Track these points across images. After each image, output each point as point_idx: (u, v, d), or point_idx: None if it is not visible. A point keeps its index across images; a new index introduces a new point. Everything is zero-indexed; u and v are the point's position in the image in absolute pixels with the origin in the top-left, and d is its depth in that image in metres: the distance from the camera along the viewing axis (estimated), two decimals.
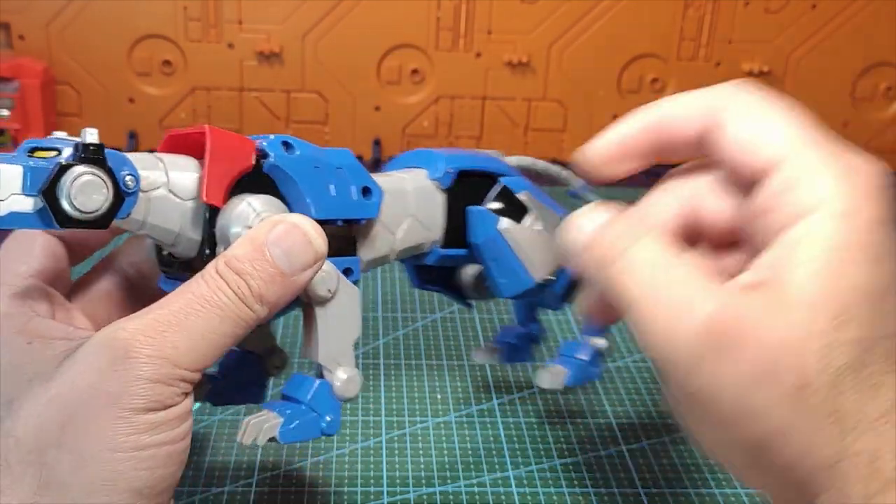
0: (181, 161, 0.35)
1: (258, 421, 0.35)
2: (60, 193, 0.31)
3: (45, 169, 0.30)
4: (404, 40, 0.89)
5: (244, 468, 0.45)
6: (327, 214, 0.37)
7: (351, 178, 0.37)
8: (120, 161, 0.32)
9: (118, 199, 0.32)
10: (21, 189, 0.30)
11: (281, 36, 0.88)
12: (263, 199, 0.35)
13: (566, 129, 0.94)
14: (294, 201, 0.36)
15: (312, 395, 0.36)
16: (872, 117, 0.95)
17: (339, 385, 0.37)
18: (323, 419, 0.36)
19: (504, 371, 0.55)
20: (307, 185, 0.36)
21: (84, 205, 0.31)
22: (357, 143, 0.92)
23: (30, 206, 0.31)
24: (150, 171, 0.33)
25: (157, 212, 0.34)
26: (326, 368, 0.37)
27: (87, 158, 0.31)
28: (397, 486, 0.45)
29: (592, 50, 0.90)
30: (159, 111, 0.90)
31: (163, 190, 0.34)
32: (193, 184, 0.34)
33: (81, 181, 0.31)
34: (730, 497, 0.45)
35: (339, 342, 0.37)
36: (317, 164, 0.36)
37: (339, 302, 0.37)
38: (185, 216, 0.34)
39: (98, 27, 0.86)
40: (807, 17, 0.91)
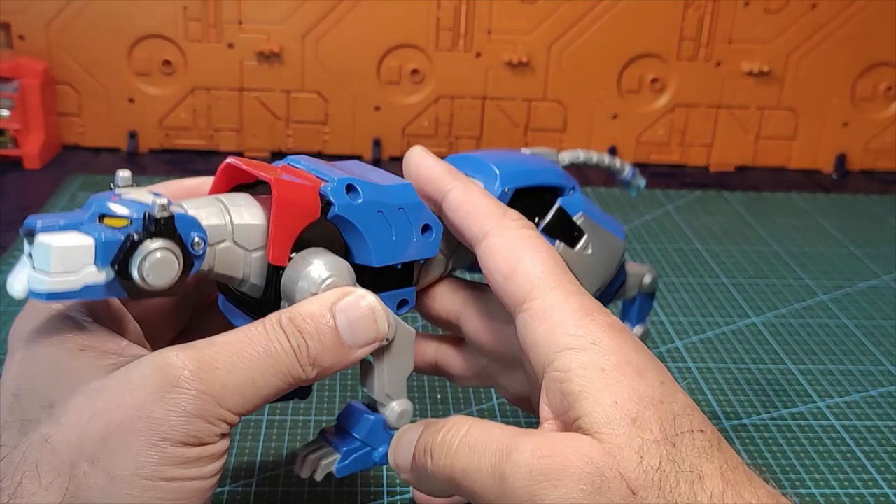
0: (242, 203, 0.35)
1: (315, 457, 0.37)
2: (132, 268, 0.30)
3: (116, 242, 0.30)
4: (404, 40, 0.89)
5: (244, 468, 0.45)
6: (388, 260, 0.37)
7: (412, 218, 0.38)
8: (188, 225, 0.32)
9: (188, 263, 0.32)
10: (93, 261, 0.30)
11: (281, 36, 0.88)
12: (328, 261, 0.35)
13: (566, 129, 0.94)
14: (356, 247, 0.37)
15: (367, 432, 0.38)
16: (872, 117, 0.95)
17: (393, 418, 0.38)
18: (376, 451, 0.38)
19: None
20: (369, 232, 0.36)
21: (157, 278, 0.31)
22: (357, 143, 0.92)
23: (102, 279, 0.30)
24: (215, 222, 0.33)
25: (223, 262, 0.34)
26: (381, 403, 0.38)
27: (159, 231, 0.31)
28: (397, 486, 0.45)
29: (592, 50, 0.90)
30: (159, 111, 0.90)
31: (228, 242, 0.34)
32: (258, 234, 0.34)
33: (153, 259, 0.31)
34: None
35: (392, 380, 0.38)
36: (379, 208, 0.37)
37: (395, 346, 0.38)
38: (249, 265, 0.35)
39: (98, 27, 0.86)
40: (807, 17, 0.91)
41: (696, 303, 0.65)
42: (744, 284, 0.69)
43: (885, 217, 0.84)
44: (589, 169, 0.50)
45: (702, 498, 0.30)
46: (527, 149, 0.48)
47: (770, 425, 0.51)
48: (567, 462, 0.30)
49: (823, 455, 0.49)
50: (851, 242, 0.78)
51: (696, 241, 0.76)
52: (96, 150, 0.91)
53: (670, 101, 0.93)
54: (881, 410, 0.53)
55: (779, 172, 0.96)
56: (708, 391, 0.54)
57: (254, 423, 0.49)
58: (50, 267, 0.30)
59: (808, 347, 0.60)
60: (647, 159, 0.95)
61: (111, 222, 0.31)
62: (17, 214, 0.75)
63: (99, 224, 0.31)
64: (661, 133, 0.94)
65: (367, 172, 0.39)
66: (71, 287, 0.30)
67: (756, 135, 0.95)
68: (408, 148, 0.41)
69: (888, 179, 0.96)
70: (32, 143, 0.85)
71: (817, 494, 0.46)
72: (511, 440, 0.31)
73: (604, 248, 0.45)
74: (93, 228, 0.30)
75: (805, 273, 0.71)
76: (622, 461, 0.30)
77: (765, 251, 0.75)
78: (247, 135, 0.91)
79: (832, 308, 0.65)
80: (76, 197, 0.78)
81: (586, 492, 0.30)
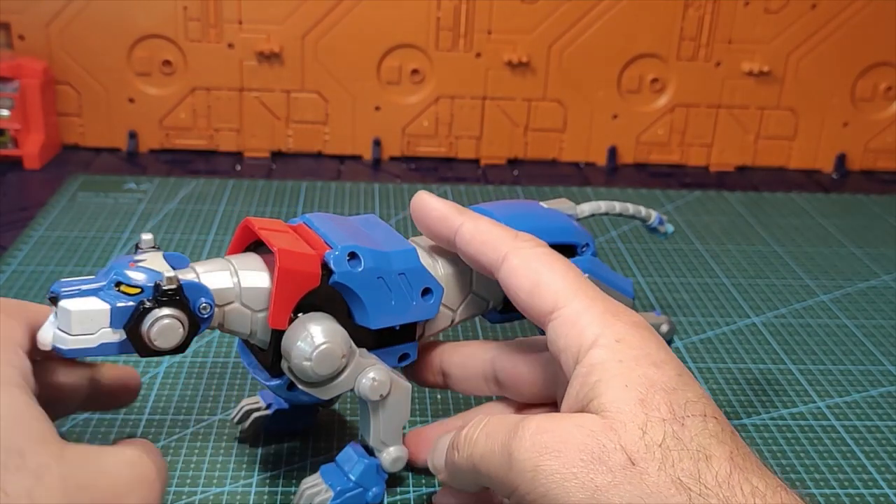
0: (251, 266, 0.39)
1: (311, 492, 0.41)
2: (142, 332, 0.35)
3: (128, 308, 0.35)
4: (404, 40, 0.89)
5: (244, 468, 0.45)
6: (386, 323, 0.40)
7: (413, 282, 0.41)
8: (196, 291, 0.36)
9: (194, 326, 0.37)
10: (108, 324, 0.35)
11: (281, 36, 0.88)
12: (324, 327, 0.38)
13: (566, 129, 0.94)
14: (356, 309, 0.40)
15: (360, 474, 0.42)
16: (872, 117, 0.95)
17: (388, 462, 0.42)
18: (369, 492, 0.42)
19: None
20: (369, 298, 0.39)
21: (163, 342, 0.36)
22: (357, 143, 0.92)
23: (116, 339, 0.35)
24: (224, 285, 0.38)
25: (232, 320, 0.39)
26: (376, 448, 0.42)
27: (166, 301, 0.35)
28: (397, 486, 0.45)
29: (592, 50, 0.90)
30: (159, 111, 0.90)
31: (236, 303, 0.38)
32: (263, 296, 0.38)
33: (160, 325, 0.35)
34: None
35: (387, 429, 0.42)
36: (380, 275, 0.39)
37: (391, 399, 0.41)
38: (256, 324, 0.39)
39: (98, 27, 0.86)
40: (807, 17, 0.91)
41: (696, 303, 0.65)
42: (744, 284, 0.69)
43: (885, 217, 0.84)
44: None
45: (706, 477, 0.31)
46: (545, 202, 0.49)
47: (770, 425, 0.51)
48: (569, 435, 0.33)
49: (823, 455, 0.49)
50: (851, 242, 0.77)
51: (696, 241, 0.76)
52: (96, 150, 0.91)
53: (670, 101, 0.93)
54: (881, 410, 0.53)
55: (779, 172, 0.96)
56: (708, 391, 0.54)
57: None
58: (71, 329, 0.35)
59: (808, 347, 0.60)
60: (647, 159, 0.95)
61: (126, 290, 0.35)
62: (17, 214, 0.75)
63: (115, 291, 0.35)
64: (661, 133, 0.94)
65: (376, 234, 0.42)
66: (89, 345, 0.35)
67: (756, 135, 0.95)
68: (408, 148, 0.42)
69: (888, 179, 0.95)
70: (32, 143, 0.85)
71: (817, 494, 0.46)
72: (519, 421, 0.34)
73: None
74: (109, 296, 0.35)
75: (805, 273, 0.71)
76: (623, 434, 0.32)
77: (765, 251, 0.75)
78: (247, 135, 0.91)
79: (832, 308, 0.65)
80: (76, 197, 0.78)
81: (586, 461, 0.32)
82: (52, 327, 0.36)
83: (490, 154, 0.94)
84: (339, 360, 0.39)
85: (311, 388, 0.40)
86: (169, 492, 0.43)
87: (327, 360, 0.38)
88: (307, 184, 0.85)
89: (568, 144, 0.94)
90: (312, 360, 0.38)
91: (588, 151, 0.95)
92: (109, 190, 0.81)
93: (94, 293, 0.35)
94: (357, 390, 0.41)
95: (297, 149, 0.92)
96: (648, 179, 0.92)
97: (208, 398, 0.51)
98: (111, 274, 0.36)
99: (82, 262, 0.66)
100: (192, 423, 0.49)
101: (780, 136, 0.95)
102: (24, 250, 0.68)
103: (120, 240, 0.71)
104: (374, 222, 0.43)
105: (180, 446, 0.47)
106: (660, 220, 0.54)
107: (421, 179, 0.88)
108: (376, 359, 0.41)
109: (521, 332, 0.59)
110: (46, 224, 0.73)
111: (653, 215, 0.53)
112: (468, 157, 0.94)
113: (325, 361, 0.38)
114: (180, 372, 0.53)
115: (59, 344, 0.35)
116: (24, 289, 0.62)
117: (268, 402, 0.47)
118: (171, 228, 0.73)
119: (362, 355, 0.41)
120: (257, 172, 0.88)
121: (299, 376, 0.39)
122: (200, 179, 0.85)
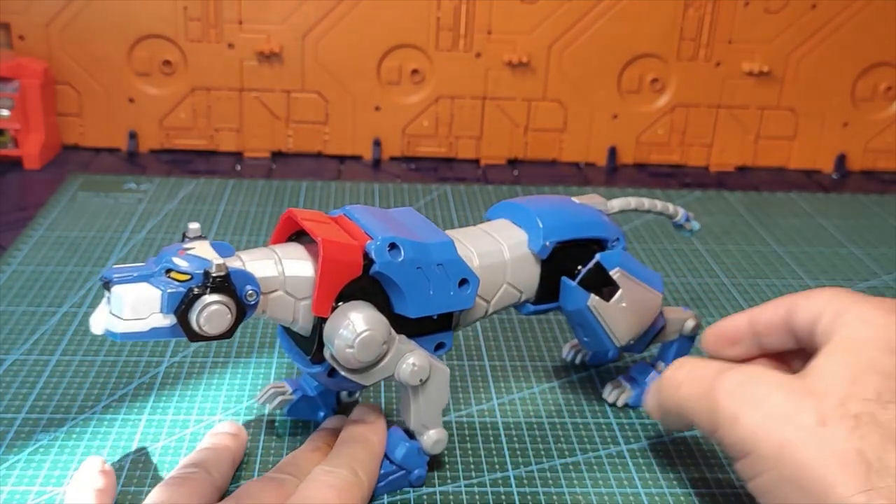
0: (295, 255, 0.40)
1: None
2: (191, 317, 0.36)
3: (178, 294, 0.36)
4: (404, 40, 0.89)
5: (244, 468, 0.45)
6: (424, 312, 0.41)
7: (450, 273, 0.42)
8: (243, 278, 0.37)
9: (241, 312, 0.37)
10: (160, 309, 0.36)
11: (281, 36, 0.88)
12: (366, 315, 0.39)
13: (566, 129, 0.94)
14: (395, 299, 0.41)
15: (403, 457, 0.43)
16: (872, 117, 0.95)
17: (429, 444, 0.43)
18: (412, 474, 0.43)
19: (504, 372, 0.55)
20: (408, 288, 0.41)
21: (211, 328, 0.37)
22: (357, 143, 0.92)
23: (167, 323, 0.36)
24: (269, 274, 0.39)
25: (275, 308, 0.40)
26: (417, 431, 0.43)
27: (215, 287, 0.36)
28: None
29: (592, 50, 0.90)
30: (159, 111, 0.90)
31: (280, 291, 0.39)
32: (306, 285, 0.39)
33: (209, 311, 0.36)
34: (730, 497, 0.45)
35: (428, 412, 0.43)
36: (419, 265, 0.41)
37: (431, 384, 0.43)
38: (298, 311, 0.40)
39: (98, 27, 0.86)
40: (807, 17, 0.91)
41: (696, 303, 0.65)
42: (744, 284, 0.69)
43: (885, 217, 0.84)
44: None
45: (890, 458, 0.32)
46: (577, 198, 0.50)
47: None
48: (769, 391, 0.36)
49: None
50: (851, 242, 0.77)
51: (696, 241, 0.76)
52: (96, 150, 0.91)
53: (670, 101, 0.93)
54: None
55: (779, 172, 0.96)
56: None
57: (254, 423, 0.49)
58: (123, 314, 0.36)
59: None
60: (647, 159, 0.95)
61: (176, 277, 0.36)
62: (17, 214, 0.75)
63: (166, 278, 0.36)
64: (661, 133, 0.94)
65: (415, 226, 0.43)
66: (140, 329, 0.36)
67: (756, 135, 0.95)
68: (408, 148, 0.44)
69: (888, 179, 0.95)
70: (32, 143, 0.85)
71: None
72: (724, 370, 0.39)
73: (638, 301, 0.48)
74: (160, 282, 0.36)
75: (805, 273, 0.71)
76: (822, 399, 0.35)
77: (765, 251, 0.75)
78: (247, 135, 0.91)
79: None
80: (76, 197, 0.78)
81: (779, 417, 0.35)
82: (104, 313, 0.37)
83: (490, 154, 0.94)
84: (380, 347, 0.40)
85: (352, 374, 0.41)
86: None
87: (369, 347, 0.39)
88: (307, 184, 0.85)
89: (568, 144, 0.94)
90: (355, 347, 0.39)
91: (588, 151, 0.95)
92: (109, 190, 0.81)
93: (145, 279, 0.36)
94: (397, 376, 0.42)
95: (297, 149, 0.92)
96: (648, 179, 0.92)
97: (208, 398, 0.51)
98: (161, 261, 0.37)
99: (82, 262, 0.66)
100: (191, 423, 0.49)
101: (780, 136, 0.95)
102: (24, 250, 0.68)
103: (120, 240, 0.71)
104: (413, 215, 0.45)
105: (180, 446, 0.47)
106: (686, 217, 0.55)
107: (421, 179, 0.88)
108: (416, 345, 0.42)
109: (556, 324, 0.59)
110: (46, 224, 0.73)
111: (680, 212, 0.54)
112: (468, 157, 0.94)
113: (367, 348, 0.39)
114: (180, 372, 0.53)
115: (111, 328, 0.36)
116: (24, 289, 0.62)
117: (294, 388, 0.48)
118: (171, 228, 0.73)
119: (402, 342, 0.42)
120: (257, 172, 0.88)
121: (341, 363, 0.40)
122: (200, 179, 0.85)
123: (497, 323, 0.60)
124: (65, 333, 0.56)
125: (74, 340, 0.56)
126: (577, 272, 0.46)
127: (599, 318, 0.47)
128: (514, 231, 0.46)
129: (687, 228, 0.55)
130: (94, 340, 0.56)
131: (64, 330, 0.57)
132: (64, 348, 0.55)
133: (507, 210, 0.48)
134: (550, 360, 0.56)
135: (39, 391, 0.50)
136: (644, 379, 0.52)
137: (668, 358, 0.52)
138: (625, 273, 0.47)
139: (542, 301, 0.47)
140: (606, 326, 0.47)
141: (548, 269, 0.46)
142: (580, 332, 0.48)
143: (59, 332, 0.57)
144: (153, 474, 0.44)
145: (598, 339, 0.47)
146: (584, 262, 0.46)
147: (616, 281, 0.47)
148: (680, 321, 0.52)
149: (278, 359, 0.55)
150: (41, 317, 0.58)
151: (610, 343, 0.47)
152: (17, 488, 0.43)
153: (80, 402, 0.50)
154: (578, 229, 0.46)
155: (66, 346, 0.55)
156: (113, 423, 0.48)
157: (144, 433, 0.48)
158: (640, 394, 0.51)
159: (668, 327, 0.51)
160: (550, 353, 0.57)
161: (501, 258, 0.45)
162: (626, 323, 0.47)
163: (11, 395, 0.50)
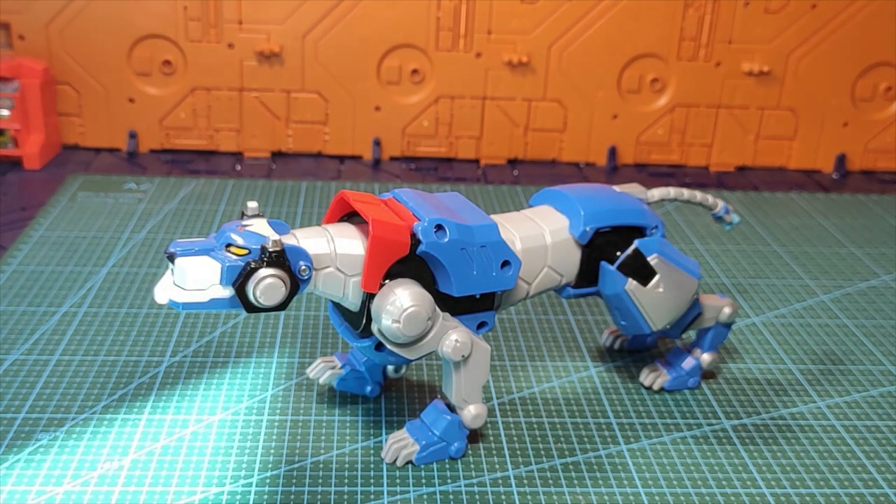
0: (346, 234, 0.42)
1: (398, 445, 0.45)
2: (248, 290, 0.39)
3: (237, 267, 0.38)
4: (404, 40, 0.89)
5: (244, 468, 0.45)
6: (467, 291, 0.43)
7: (493, 254, 0.43)
8: (297, 254, 0.40)
9: (295, 286, 0.39)
10: (219, 282, 0.39)
11: (281, 36, 0.88)
12: (412, 292, 0.41)
13: (566, 129, 0.94)
14: (440, 278, 0.43)
15: (444, 429, 0.45)
16: (872, 117, 0.95)
17: (469, 419, 0.45)
18: (451, 446, 0.46)
19: (504, 372, 0.55)
20: (452, 267, 0.42)
21: (267, 300, 0.39)
22: (357, 143, 0.92)
23: (226, 295, 0.39)
24: (321, 251, 0.41)
25: (327, 283, 0.42)
26: (458, 406, 0.45)
27: (271, 262, 0.39)
28: (397, 486, 0.45)
29: (592, 50, 0.90)
30: (159, 111, 0.90)
31: (332, 268, 0.41)
32: (356, 262, 0.41)
33: (265, 283, 0.38)
34: (730, 497, 0.45)
35: (469, 388, 0.45)
36: (463, 246, 0.42)
37: (472, 361, 0.44)
38: (348, 287, 0.42)
39: (98, 27, 0.86)
40: (807, 17, 0.91)
41: None
42: (744, 284, 0.69)
43: (885, 217, 0.84)
44: None
45: None
46: (618, 186, 0.52)
47: (770, 425, 0.51)
48: None
49: (823, 455, 0.49)
50: (851, 242, 0.78)
51: (696, 241, 0.76)
52: (96, 150, 0.91)
53: (670, 101, 0.93)
54: (881, 410, 0.53)
55: (779, 172, 0.96)
56: (708, 391, 0.54)
57: (254, 422, 0.49)
58: (186, 284, 0.38)
59: (808, 347, 0.60)
60: (647, 159, 0.95)
61: (235, 251, 0.39)
62: (17, 214, 0.75)
63: (225, 252, 0.39)
64: (661, 133, 0.94)
65: (460, 210, 0.44)
66: (201, 300, 0.38)
67: (756, 135, 0.95)
68: (408, 148, 0.45)
69: (888, 179, 0.96)
70: (32, 143, 0.85)
71: (817, 494, 0.46)
72: None
73: (675, 286, 0.49)
74: (220, 256, 0.39)
75: (805, 273, 0.71)
76: None
77: (765, 251, 0.75)
78: (247, 135, 0.91)
79: (832, 308, 0.65)
80: (76, 197, 0.78)
81: None
82: (167, 284, 0.39)
83: (490, 154, 0.94)
84: (424, 323, 0.42)
85: (398, 348, 0.43)
86: (169, 492, 0.43)
87: (414, 323, 0.41)
88: (307, 184, 0.85)
89: (568, 144, 0.94)
90: (401, 322, 0.41)
91: (588, 151, 0.95)
92: (109, 190, 0.81)
93: (206, 252, 0.39)
94: (440, 351, 0.44)
95: (297, 149, 0.92)
96: (648, 179, 0.92)
97: (208, 398, 0.51)
98: (221, 237, 0.39)
99: (82, 262, 0.66)
100: (191, 423, 0.49)
101: (779, 136, 0.95)
102: (24, 250, 0.68)
103: (120, 240, 0.71)
104: (459, 199, 0.46)
105: (180, 446, 0.47)
106: (726, 209, 0.56)
107: (421, 179, 0.88)
108: (459, 322, 0.44)
109: (557, 325, 0.59)
110: (46, 224, 0.73)
111: (719, 204, 0.56)
112: (468, 157, 0.94)
113: (413, 323, 0.41)
114: (180, 372, 0.53)
115: (174, 298, 0.38)
116: (24, 289, 0.62)
117: (342, 363, 0.50)
118: (171, 228, 0.73)
119: (446, 319, 0.43)
120: (257, 172, 0.88)
121: (388, 337, 0.42)
122: (200, 179, 0.85)
123: (497, 323, 0.60)
124: (65, 333, 0.57)
125: (74, 340, 0.56)
126: (616, 258, 0.48)
127: (637, 302, 0.48)
128: (555, 217, 0.48)
129: (727, 221, 0.56)
130: (94, 340, 0.56)
131: (64, 330, 0.57)
132: (64, 348, 0.55)
133: (550, 197, 0.50)
134: (550, 360, 0.56)
135: (39, 391, 0.51)
136: (680, 363, 0.53)
137: (705, 345, 0.53)
138: (662, 259, 0.48)
139: (582, 285, 0.49)
140: (643, 310, 0.48)
141: (588, 255, 0.48)
142: (618, 316, 0.50)
143: (59, 332, 0.57)
144: (153, 474, 0.45)
145: (636, 323, 0.49)
146: (623, 248, 0.48)
147: (654, 267, 0.48)
148: (717, 308, 0.52)
149: (278, 359, 0.55)
150: (41, 317, 0.58)
151: (647, 327, 0.49)
152: (17, 488, 0.43)
153: (80, 402, 0.50)
154: (618, 216, 0.48)
155: (66, 346, 0.55)
156: (113, 423, 0.48)
157: (144, 433, 0.48)
158: (676, 378, 0.53)
159: (705, 314, 0.52)
160: (550, 354, 0.57)
161: (543, 242, 0.46)
162: (663, 307, 0.49)
163: (11, 395, 0.50)
